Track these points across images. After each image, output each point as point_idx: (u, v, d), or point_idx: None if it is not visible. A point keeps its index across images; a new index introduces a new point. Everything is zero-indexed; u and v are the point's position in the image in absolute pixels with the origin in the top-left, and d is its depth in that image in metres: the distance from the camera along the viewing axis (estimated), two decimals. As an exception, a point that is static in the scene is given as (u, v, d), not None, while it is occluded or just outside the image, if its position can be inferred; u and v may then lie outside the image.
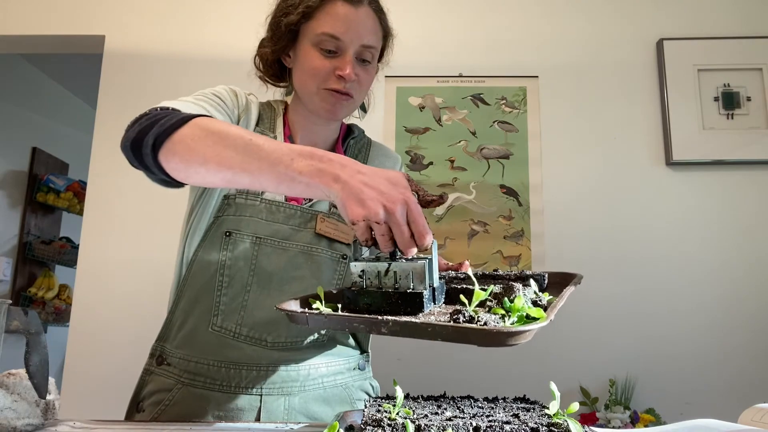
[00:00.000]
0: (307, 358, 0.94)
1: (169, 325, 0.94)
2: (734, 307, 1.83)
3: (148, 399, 0.92)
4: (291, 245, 0.94)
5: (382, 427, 0.56)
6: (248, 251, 0.92)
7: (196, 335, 0.91)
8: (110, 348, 1.85)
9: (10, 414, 0.64)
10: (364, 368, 1.04)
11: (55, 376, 0.74)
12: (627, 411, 1.66)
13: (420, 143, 1.98)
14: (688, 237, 1.88)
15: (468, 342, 0.51)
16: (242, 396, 0.89)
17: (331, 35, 0.92)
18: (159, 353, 0.94)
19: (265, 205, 0.94)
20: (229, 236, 0.92)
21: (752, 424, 0.66)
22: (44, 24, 2.12)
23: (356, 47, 0.93)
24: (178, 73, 2.05)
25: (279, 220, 0.94)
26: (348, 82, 0.93)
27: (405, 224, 0.60)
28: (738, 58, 1.97)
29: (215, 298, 0.91)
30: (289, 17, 0.96)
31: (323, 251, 0.96)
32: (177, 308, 0.94)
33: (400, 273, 0.63)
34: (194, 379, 0.90)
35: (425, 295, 0.60)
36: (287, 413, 0.90)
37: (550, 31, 2.06)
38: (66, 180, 3.74)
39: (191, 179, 0.74)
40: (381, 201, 0.60)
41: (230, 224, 0.93)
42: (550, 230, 1.90)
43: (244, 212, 0.93)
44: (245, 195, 0.94)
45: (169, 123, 0.72)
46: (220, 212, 0.94)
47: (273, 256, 0.92)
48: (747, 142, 1.91)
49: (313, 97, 0.96)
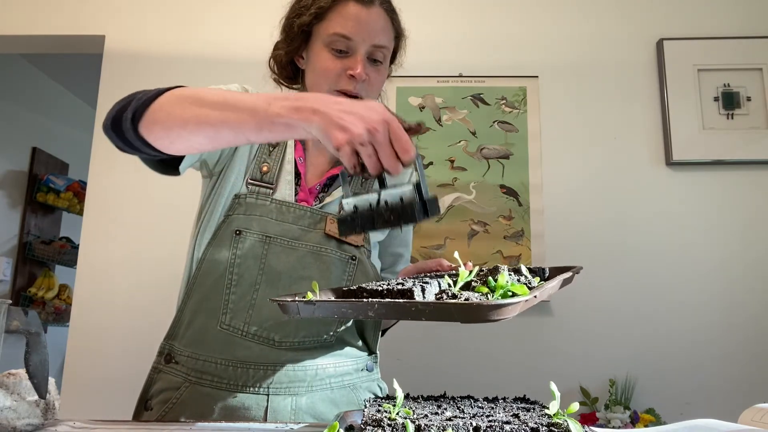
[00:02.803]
0: (315, 358, 0.94)
1: (178, 323, 0.94)
2: (734, 307, 1.83)
3: (156, 397, 0.92)
4: (300, 245, 0.94)
5: (382, 427, 0.56)
6: (257, 250, 0.92)
7: (204, 333, 0.91)
8: (110, 348, 1.85)
9: (10, 414, 0.64)
10: (372, 369, 1.04)
11: (55, 376, 0.74)
12: (627, 411, 1.66)
13: (420, 143, 1.98)
14: (688, 237, 1.88)
15: (451, 319, 0.51)
16: (249, 395, 0.89)
17: (342, 35, 0.92)
18: (167, 351, 0.94)
19: (276, 206, 0.95)
20: (239, 235, 0.92)
21: (752, 424, 0.66)
22: (44, 24, 2.12)
23: (367, 47, 0.93)
24: (178, 73, 2.05)
25: (289, 221, 0.95)
26: (359, 81, 0.93)
27: (389, 143, 0.61)
28: (738, 58, 1.97)
29: (224, 296, 0.91)
30: (302, 18, 0.97)
31: (332, 252, 0.96)
32: (186, 306, 0.94)
33: (391, 201, 0.64)
34: (201, 378, 0.90)
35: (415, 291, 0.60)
36: (294, 413, 0.90)
37: (550, 31, 2.06)
38: (66, 180, 3.74)
39: (175, 145, 0.74)
40: (363, 123, 0.61)
41: (240, 223, 0.93)
42: (550, 230, 1.90)
43: (254, 212, 0.94)
44: (256, 195, 0.95)
45: (146, 96, 0.75)
46: (230, 211, 0.94)
47: (282, 255, 0.93)
48: (747, 142, 1.91)
49: None
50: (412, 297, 0.59)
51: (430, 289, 0.63)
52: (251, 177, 0.97)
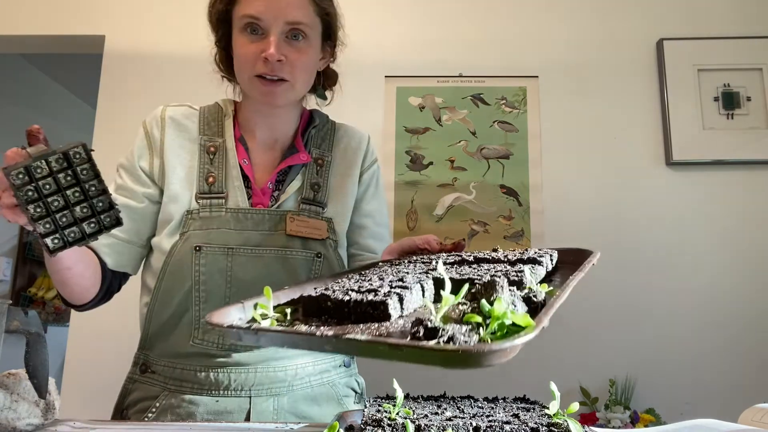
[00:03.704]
0: (294, 357, 0.93)
1: (151, 337, 0.93)
2: (734, 307, 1.83)
3: (133, 407, 0.91)
4: (264, 251, 0.92)
5: (382, 427, 0.56)
6: (221, 263, 0.90)
7: (179, 347, 0.90)
8: (110, 348, 1.85)
9: (10, 414, 0.64)
10: (349, 365, 1.04)
11: (55, 376, 0.74)
12: (627, 411, 1.66)
13: (420, 143, 1.98)
14: (689, 237, 1.88)
15: (428, 363, 0.40)
16: (232, 398, 0.88)
17: (252, 16, 0.89)
18: (143, 361, 0.93)
19: (232, 215, 0.92)
20: (199, 251, 0.90)
21: (752, 424, 0.66)
22: (44, 24, 2.12)
23: (281, 26, 0.89)
24: (178, 73, 2.04)
25: (248, 227, 0.92)
26: (272, 62, 0.88)
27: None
28: (738, 58, 1.97)
29: (194, 313, 0.89)
30: (217, 6, 0.96)
31: (297, 253, 0.93)
32: (154, 321, 0.92)
33: None
34: (182, 386, 0.89)
35: (390, 304, 0.50)
36: (276, 413, 0.90)
37: (550, 31, 2.06)
38: (66, 180, 3.74)
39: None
40: None
41: (198, 238, 0.90)
42: (550, 230, 1.90)
43: (210, 225, 0.91)
44: (209, 208, 0.92)
45: None
46: (185, 228, 0.91)
47: (248, 265, 0.91)
48: (747, 142, 1.91)
49: (247, 87, 0.94)
50: (386, 311, 0.49)
51: (409, 298, 0.53)
52: (199, 191, 0.94)
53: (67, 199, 0.65)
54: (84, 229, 0.66)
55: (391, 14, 2.09)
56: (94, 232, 0.66)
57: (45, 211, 0.64)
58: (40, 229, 0.64)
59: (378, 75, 2.02)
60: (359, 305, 0.50)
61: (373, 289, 0.53)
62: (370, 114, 1.98)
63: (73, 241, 0.66)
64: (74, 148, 0.65)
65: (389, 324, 0.48)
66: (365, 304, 0.50)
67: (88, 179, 0.65)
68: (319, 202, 0.99)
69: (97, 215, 0.66)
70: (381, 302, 0.49)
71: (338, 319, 0.51)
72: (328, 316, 0.52)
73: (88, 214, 0.66)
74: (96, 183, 0.66)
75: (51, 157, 0.64)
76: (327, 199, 1.00)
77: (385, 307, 0.49)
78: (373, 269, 0.72)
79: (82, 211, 0.65)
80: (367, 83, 2.01)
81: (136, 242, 0.96)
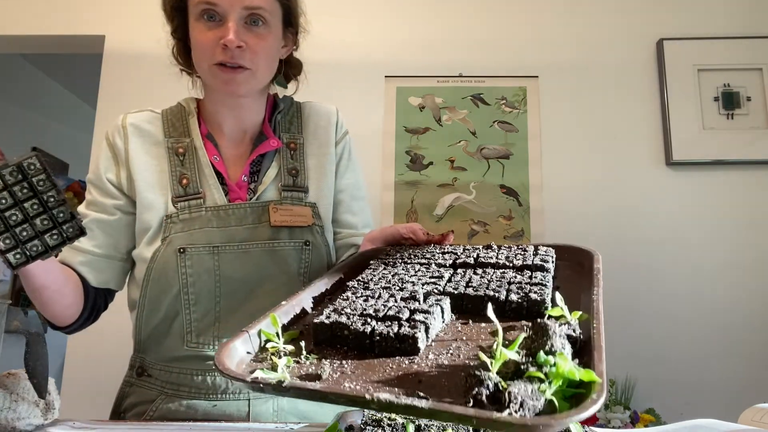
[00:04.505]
0: None
1: (145, 340, 0.92)
2: (734, 307, 1.83)
3: (130, 411, 0.90)
4: (251, 246, 0.89)
5: (382, 426, 0.56)
6: (208, 263, 0.88)
7: (174, 350, 0.89)
8: (110, 348, 1.85)
9: (10, 414, 0.64)
10: None
11: (55, 376, 0.74)
12: (627, 411, 1.66)
13: (420, 143, 1.98)
14: (688, 237, 1.88)
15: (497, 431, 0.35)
16: (230, 402, 0.87)
17: (208, 2, 0.85)
18: (139, 365, 0.92)
19: (213, 213, 0.90)
20: (183, 253, 0.87)
21: (752, 424, 0.66)
22: (44, 24, 2.12)
23: (238, 11, 0.86)
24: (178, 73, 2.04)
25: (232, 224, 0.90)
26: (232, 49, 0.85)
27: None
28: (738, 58, 1.97)
29: (185, 317, 0.88)
30: None
31: (285, 243, 0.91)
32: (145, 326, 0.91)
33: None
34: (179, 389, 0.88)
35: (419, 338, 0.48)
36: (276, 414, 0.89)
37: (550, 31, 2.06)
38: (66, 180, 3.74)
39: None
40: None
41: (181, 240, 0.88)
42: (550, 230, 1.90)
43: (192, 226, 0.89)
44: (188, 209, 0.90)
45: None
46: (166, 232, 0.89)
47: (236, 262, 0.88)
48: (747, 142, 1.91)
49: (207, 76, 0.91)
50: (415, 345, 0.47)
51: (433, 324, 0.51)
52: (175, 195, 0.91)
53: (26, 213, 0.62)
54: (47, 242, 0.64)
55: (391, 14, 2.09)
56: (57, 244, 0.64)
57: (3, 226, 0.61)
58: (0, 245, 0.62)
59: (378, 75, 2.02)
60: (386, 340, 0.47)
61: (395, 316, 0.50)
62: (371, 114, 1.98)
63: (36, 254, 0.64)
64: (28, 160, 0.62)
65: (419, 359, 0.46)
66: (392, 338, 0.47)
67: (46, 190, 0.63)
68: (300, 187, 0.96)
69: (59, 226, 0.64)
70: (411, 336, 0.47)
71: (358, 350, 0.49)
72: (345, 346, 0.49)
73: (49, 226, 0.64)
74: (54, 194, 0.64)
75: (4, 170, 0.61)
76: (307, 182, 0.97)
77: (414, 341, 0.47)
78: (369, 272, 0.69)
79: (42, 223, 0.63)
80: (367, 83, 2.01)
81: (116, 256, 0.94)
